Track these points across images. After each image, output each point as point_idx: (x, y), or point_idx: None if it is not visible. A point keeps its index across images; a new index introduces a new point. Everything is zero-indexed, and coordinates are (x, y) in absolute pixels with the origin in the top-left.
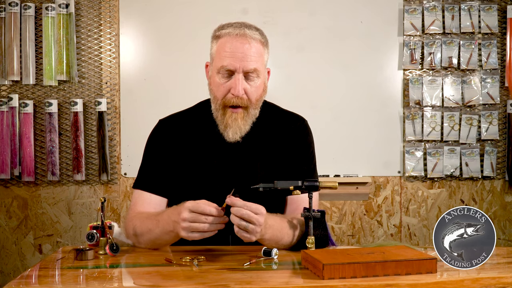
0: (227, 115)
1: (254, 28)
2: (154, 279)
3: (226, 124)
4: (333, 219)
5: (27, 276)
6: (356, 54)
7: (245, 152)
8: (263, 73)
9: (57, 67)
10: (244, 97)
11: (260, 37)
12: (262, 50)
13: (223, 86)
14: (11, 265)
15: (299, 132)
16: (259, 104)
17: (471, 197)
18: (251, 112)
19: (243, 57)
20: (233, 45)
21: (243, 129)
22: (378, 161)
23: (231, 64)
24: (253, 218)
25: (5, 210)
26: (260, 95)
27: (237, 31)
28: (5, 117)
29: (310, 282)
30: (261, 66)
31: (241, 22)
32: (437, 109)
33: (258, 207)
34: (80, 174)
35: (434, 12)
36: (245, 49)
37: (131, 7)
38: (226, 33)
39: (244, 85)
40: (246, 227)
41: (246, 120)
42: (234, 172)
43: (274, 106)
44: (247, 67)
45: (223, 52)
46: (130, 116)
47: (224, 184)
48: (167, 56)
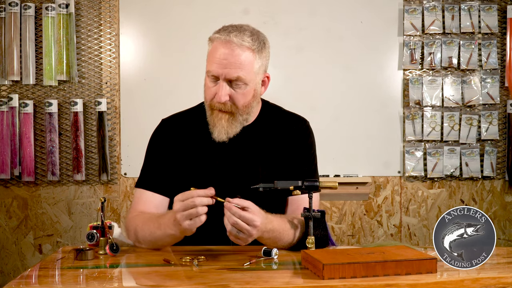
0: (214, 114)
1: (248, 34)
2: (154, 279)
3: (213, 124)
4: (333, 219)
5: (27, 276)
6: (356, 54)
7: (246, 153)
8: (253, 80)
9: (57, 67)
10: (227, 103)
11: (249, 44)
12: (251, 58)
13: (210, 89)
14: (11, 265)
15: (301, 133)
16: (248, 110)
17: (471, 197)
18: (239, 118)
19: (226, 64)
20: (219, 51)
21: (229, 131)
22: (378, 161)
23: (216, 70)
24: (244, 229)
25: (5, 210)
26: (249, 101)
27: (225, 37)
28: (5, 117)
29: (310, 282)
30: (247, 74)
31: (237, 26)
32: (437, 109)
33: (253, 218)
34: (80, 174)
35: (434, 12)
36: (229, 57)
37: (131, 7)
38: (216, 38)
39: (228, 92)
40: (236, 235)
41: (232, 123)
42: (235, 172)
43: (276, 107)
44: (230, 75)
45: (211, 57)
46: (130, 116)
47: (225, 185)
48: (167, 56)
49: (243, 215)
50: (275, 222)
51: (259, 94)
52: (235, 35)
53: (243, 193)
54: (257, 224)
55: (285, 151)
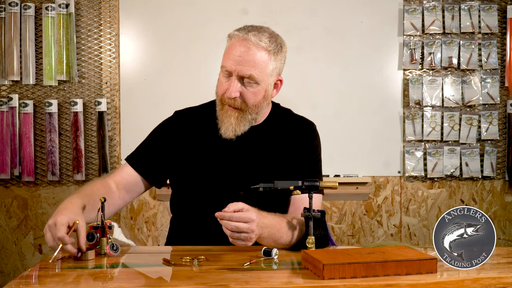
0: (223, 110)
1: (266, 35)
2: (154, 279)
3: (221, 120)
4: (333, 219)
5: (27, 276)
6: (356, 54)
7: (251, 152)
8: (265, 81)
9: (57, 67)
10: (237, 99)
11: (266, 45)
12: (265, 58)
13: (223, 85)
14: (11, 265)
15: (307, 135)
16: (258, 110)
17: (471, 197)
18: (247, 116)
19: (241, 61)
20: (236, 48)
21: (237, 128)
22: (378, 161)
23: (229, 66)
24: (243, 228)
25: (5, 210)
26: (259, 101)
27: (243, 35)
28: (5, 117)
29: (310, 282)
30: (260, 73)
31: (258, 27)
32: (437, 109)
33: (247, 215)
34: (80, 174)
35: (434, 12)
36: (243, 54)
37: (131, 7)
38: (235, 35)
39: (239, 88)
40: (238, 237)
41: (241, 121)
42: (239, 170)
43: (286, 110)
44: (242, 72)
45: (228, 53)
46: (130, 116)
47: (228, 182)
48: (167, 56)
49: (237, 216)
50: (269, 217)
51: (270, 96)
52: (253, 34)
53: (245, 192)
54: (254, 218)
55: (290, 152)
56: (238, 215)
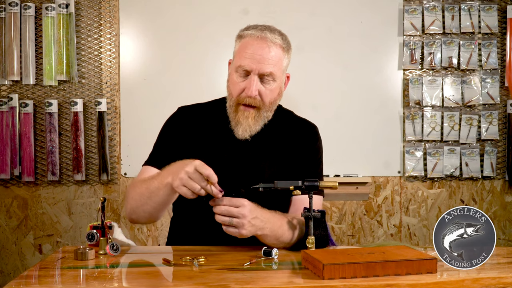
0: (239, 112)
1: (277, 33)
2: (154, 279)
3: (237, 121)
4: (333, 219)
5: (27, 276)
6: (356, 54)
7: (254, 151)
8: (280, 78)
9: (57, 67)
10: (257, 97)
11: (281, 42)
12: (281, 55)
13: (238, 84)
14: (11, 265)
15: (309, 137)
16: (272, 107)
17: (471, 197)
18: (263, 114)
19: (260, 59)
20: (253, 46)
21: (253, 129)
22: (378, 161)
23: (248, 65)
24: (233, 211)
25: (5, 210)
26: (275, 98)
27: (259, 33)
28: (5, 117)
29: (310, 282)
30: (277, 70)
31: (266, 26)
32: (437, 109)
33: (239, 200)
34: (80, 174)
35: (434, 12)
36: (263, 52)
37: (131, 7)
38: (249, 34)
39: (258, 87)
40: (230, 222)
41: (257, 120)
42: (241, 169)
43: (288, 112)
44: (263, 70)
45: (243, 52)
46: (130, 116)
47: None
48: (167, 56)
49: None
50: (270, 213)
51: (282, 92)
52: (268, 32)
53: (247, 190)
54: (245, 203)
55: (292, 153)
56: (229, 199)
